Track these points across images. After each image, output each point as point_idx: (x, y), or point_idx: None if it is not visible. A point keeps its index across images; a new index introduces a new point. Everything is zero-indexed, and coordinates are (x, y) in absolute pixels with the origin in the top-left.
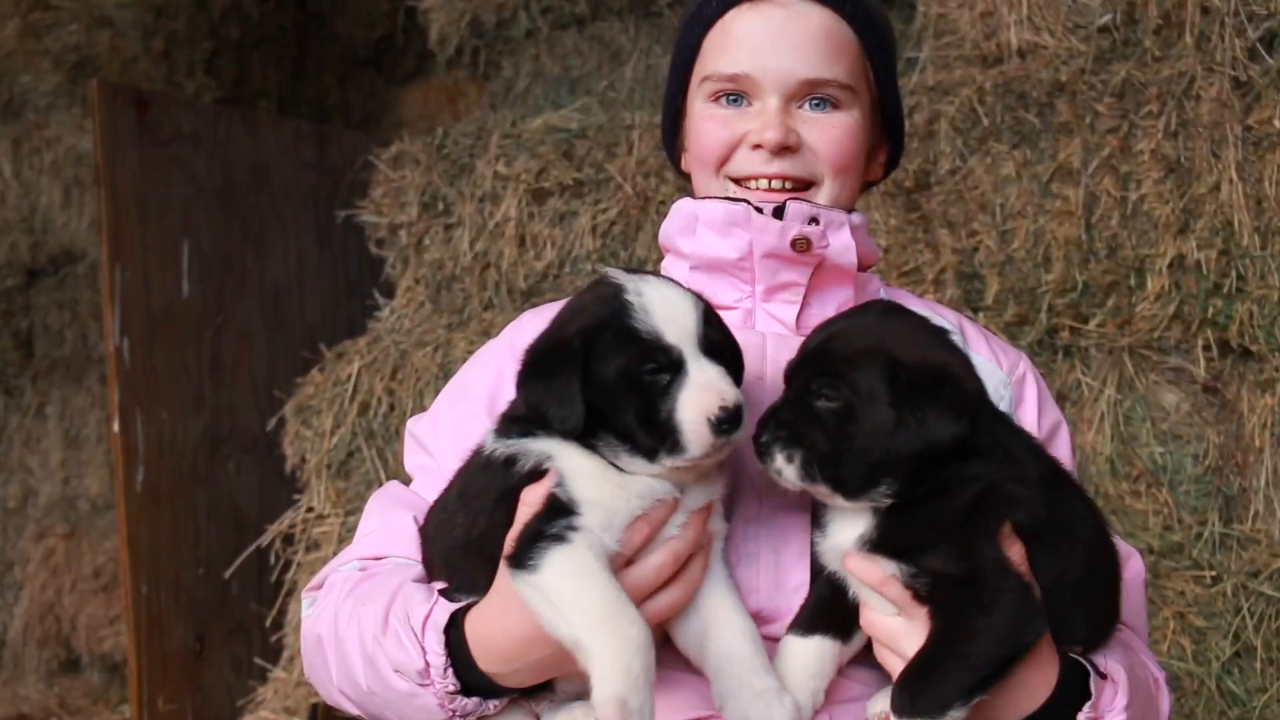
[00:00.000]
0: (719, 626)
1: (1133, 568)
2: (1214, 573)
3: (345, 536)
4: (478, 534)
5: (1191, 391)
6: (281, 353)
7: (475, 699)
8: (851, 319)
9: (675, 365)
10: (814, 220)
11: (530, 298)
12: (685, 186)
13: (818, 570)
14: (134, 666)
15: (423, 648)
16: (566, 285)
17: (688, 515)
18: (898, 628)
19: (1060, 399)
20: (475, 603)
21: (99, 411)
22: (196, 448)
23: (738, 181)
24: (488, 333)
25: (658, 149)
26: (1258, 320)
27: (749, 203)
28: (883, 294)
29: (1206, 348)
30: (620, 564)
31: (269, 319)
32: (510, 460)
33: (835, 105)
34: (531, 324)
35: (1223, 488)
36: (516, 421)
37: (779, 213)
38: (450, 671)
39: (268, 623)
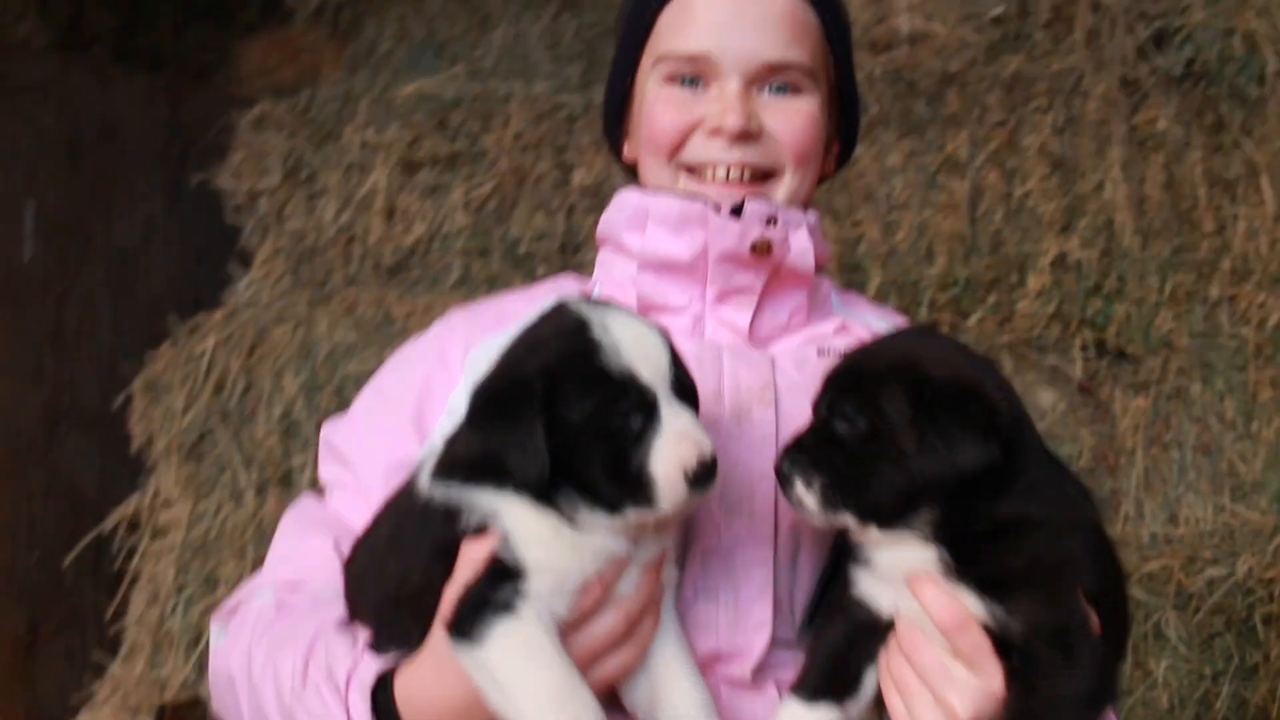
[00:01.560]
0: (670, 692)
1: None
2: None
3: (194, 523)
4: (412, 588)
5: (1067, 392)
6: (128, 324)
7: None
8: (879, 342)
9: (649, 410)
10: (772, 220)
11: (397, 274)
12: (565, 163)
13: (825, 622)
14: None
15: (346, 708)
16: (435, 263)
17: (641, 570)
18: (959, 676)
19: None
20: (400, 662)
21: None
22: (34, 424)
23: (691, 170)
24: (351, 310)
25: (536, 122)
26: (1135, 322)
27: (706, 200)
28: (834, 297)
29: (1084, 348)
30: (569, 627)
31: (116, 286)
32: (452, 512)
33: (797, 90)
34: (461, 327)
35: (1094, 489)
36: (460, 465)
37: (736, 211)
38: None
39: (107, 615)
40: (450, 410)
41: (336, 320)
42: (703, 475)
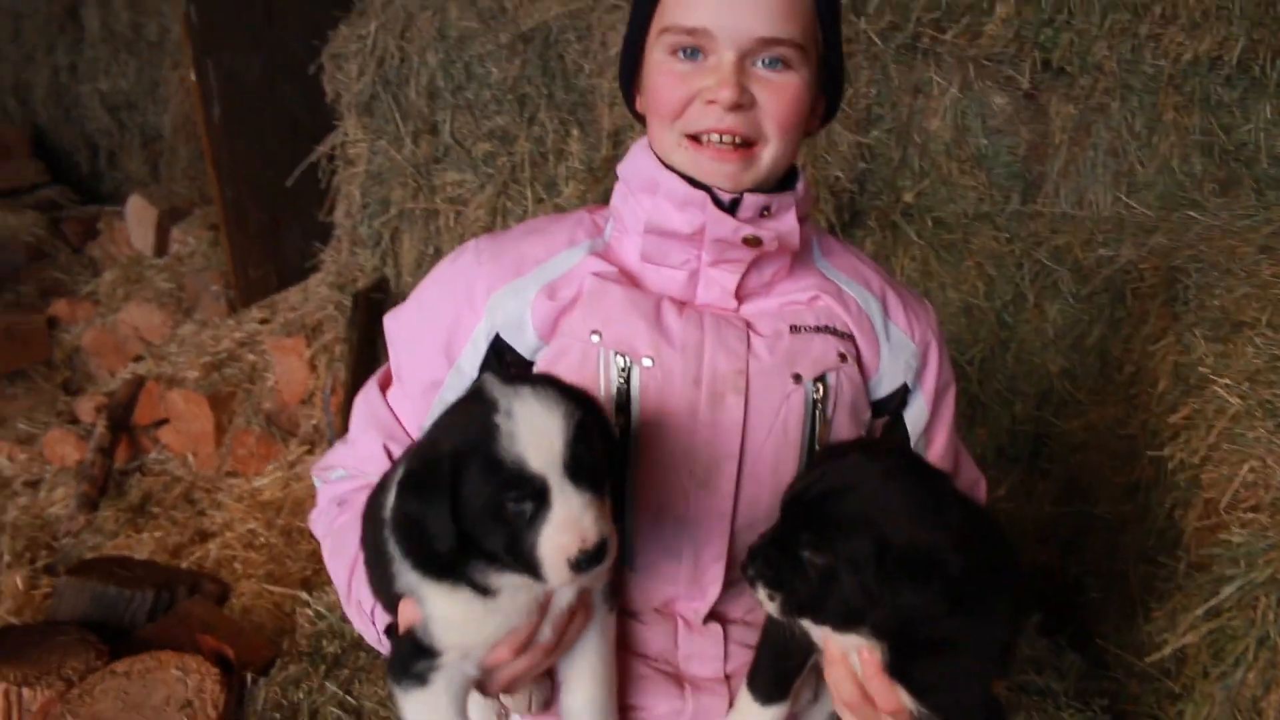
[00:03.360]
0: (573, 692)
1: (979, 493)
2: (1008, 236)
3: (371, 158)
4: (376, 580)
5: (1016, 97)
6: None
7: None
8: (853, 471)
9: (539, 496)
10: (766, 209)
11: None
12: None
13: (777, 641)
14: (227, 247)
15: (375, 630)
16: None
17: (559, 615)
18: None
19: (915, 91)
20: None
21: None
22: (259, 77)
23: (691, 137)
24: (475, 2)
25: None
26: (1075, 48)
27: (709, 191)
28: (814, 242)
29: (1033, 65)
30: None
31: None
32: (391, 564)
33: (787, 65)
34: (487, 266)
35: (1025, 174)
36: (395, 529)
37: (735, 205)
38: None
39: (320, 216)
40: (474, 345)
41: (465, 9)
42: (584, 561)
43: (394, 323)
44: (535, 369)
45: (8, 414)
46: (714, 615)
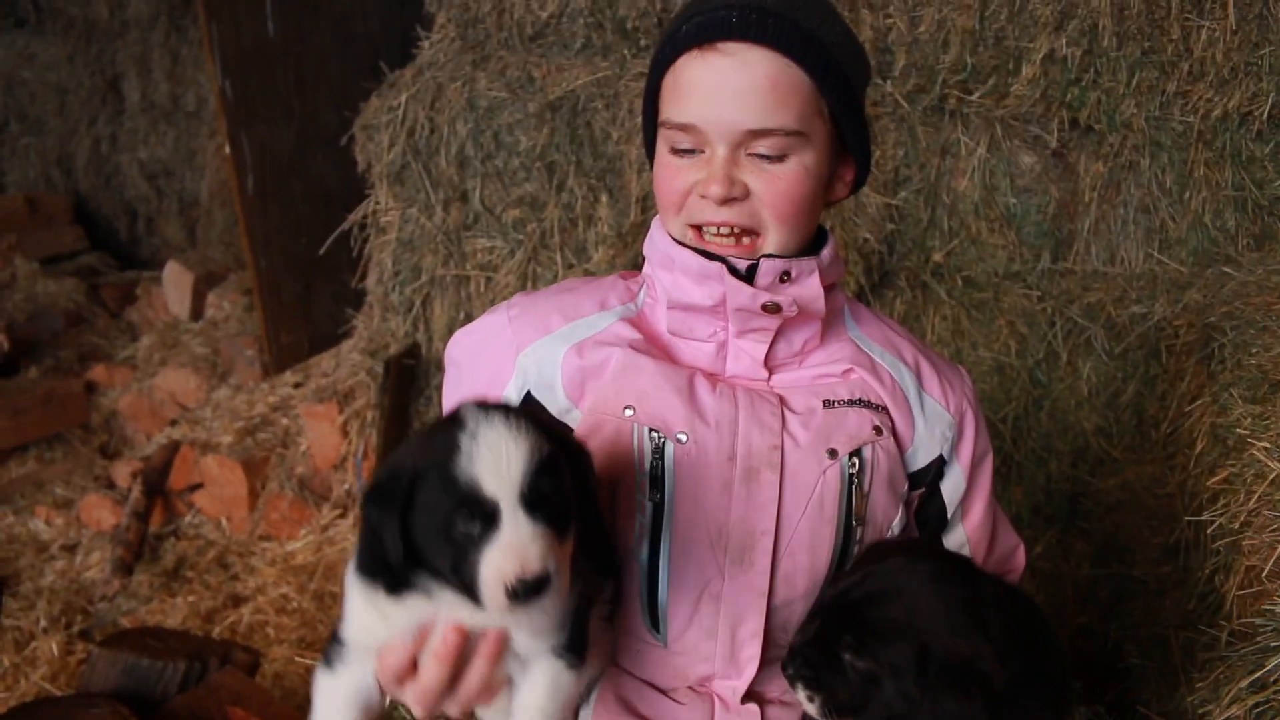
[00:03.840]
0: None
1: (1018, 559)
2: (1039, 294)
3: (403, 226)
4: None
5: (1044, 156)
6: (353, 68)
7: None
8: (896, 575)
9: (488, 519)
10: (785, 274)
11: (536, 40)
12: None
13: None
14: (260, 314)
15: None
16: (565, 32)
17: (487, 636)
18: None
19: (943, 152)
20: None
21: None
22: (290, 149)
23: (694, 227)
24: (503, 72)
25: None
26: (1103, 106)
27: (725, 261)
28: (846, 311)
29: (1060, 124)
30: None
31: (340, 42)
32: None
33: (782, 154)
34: (521, 323)
35: (1055, 232)
36: (361, 536)
37: (752, 271)
38: None
39: (352, 284)
40: (508, 399)
41: (493, 80)
42: (521, 590)
43: (454, 345)
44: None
45: (46, 478)
46: (751, 695)
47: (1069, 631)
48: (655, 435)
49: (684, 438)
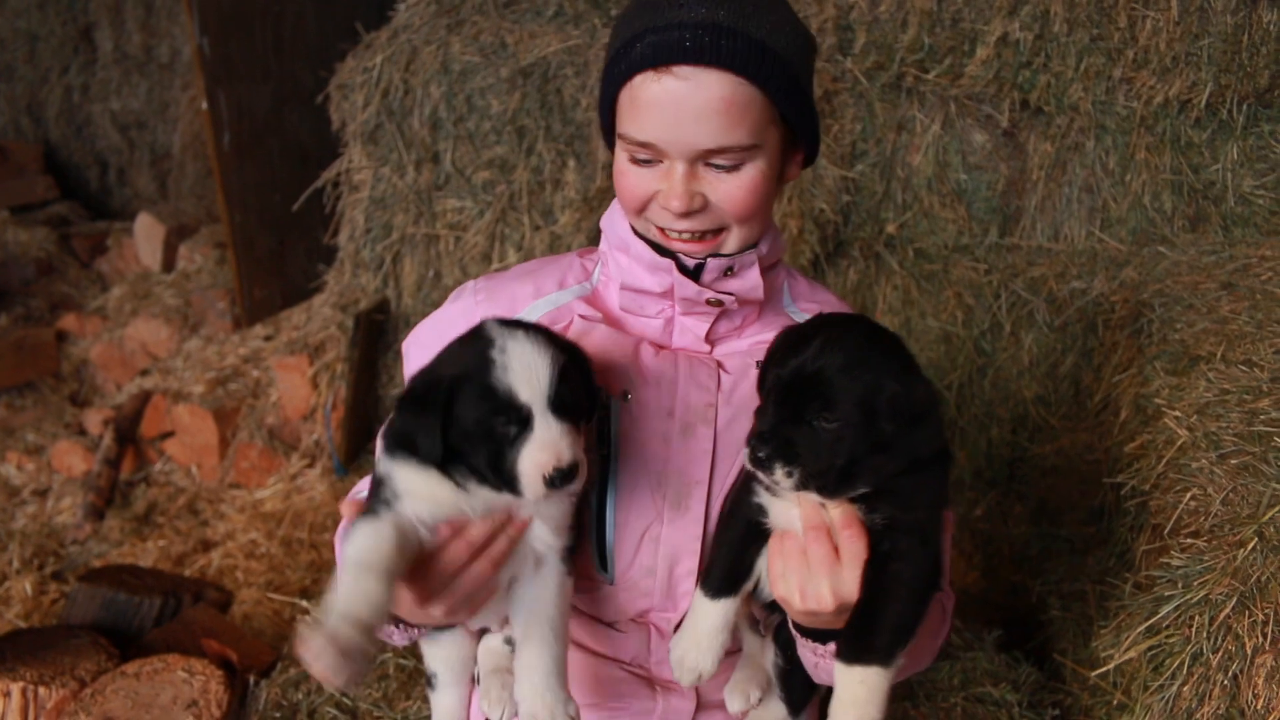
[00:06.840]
0: (531, 641)
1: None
2: (986, 267)
3: (375, 184)
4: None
5: (995, 135)
6: (331, 29)
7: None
8: (839, 343)
9: (523, 421)
10: (730, 268)
11: (510, 5)
12: None
13: (731, 539)
14: (234, 268)
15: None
16: (539, 1)
17: (502, 523)
18: (841, 565)
19: (899, 128)
20: None
21: None
22: (267, 107)
23: (659, 228)
24: (476, 37)
25: None
26: (1053, 89)
27: (675, 258)
28: (785, 288)
29: (1011, 104)
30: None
31: (317, 1)
32: (379, 482)
33: (737, 165)
34: (480, 309)
35: (1004, 208)
36: (388, 438)
37: (699, 268)
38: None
39: (325, 239)
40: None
41: (467, 44)
42: (558, 478)
43: (408, 344)
44: None
45: (17, 425)
46: (701, 703)
47: (1004, 589)
48: (602, 393)
49: (628, 396)
